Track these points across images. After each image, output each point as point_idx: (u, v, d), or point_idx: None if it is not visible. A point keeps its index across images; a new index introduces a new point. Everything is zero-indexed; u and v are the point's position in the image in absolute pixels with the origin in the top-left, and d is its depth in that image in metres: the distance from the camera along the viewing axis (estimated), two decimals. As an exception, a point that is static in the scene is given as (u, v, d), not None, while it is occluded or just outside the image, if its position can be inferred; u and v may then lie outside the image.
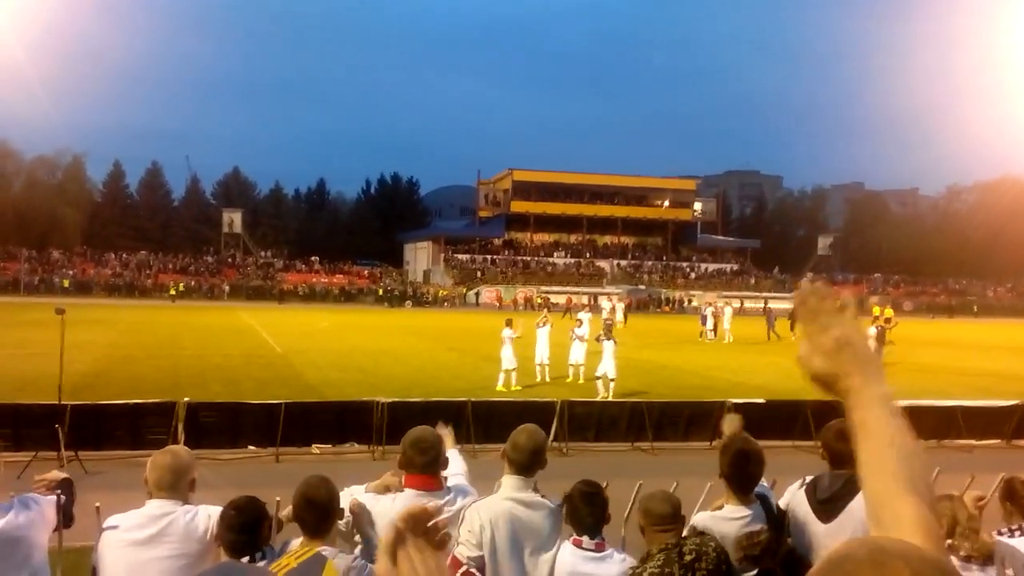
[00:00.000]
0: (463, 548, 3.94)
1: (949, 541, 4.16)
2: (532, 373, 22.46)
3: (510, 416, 14.32)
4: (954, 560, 4.06)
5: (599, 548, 3.89)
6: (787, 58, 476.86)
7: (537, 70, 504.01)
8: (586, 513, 3.91)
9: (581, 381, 21.89)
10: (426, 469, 4.10)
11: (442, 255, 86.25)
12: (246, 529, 3.72)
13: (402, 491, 4.08)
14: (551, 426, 14.13)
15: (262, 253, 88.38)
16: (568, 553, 3.90)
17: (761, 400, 15.87)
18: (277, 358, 26.64)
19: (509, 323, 21.83)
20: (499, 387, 20.93)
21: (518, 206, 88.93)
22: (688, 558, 3.63)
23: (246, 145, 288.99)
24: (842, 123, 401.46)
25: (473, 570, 3.93)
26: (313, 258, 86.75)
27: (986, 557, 4.17)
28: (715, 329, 39.84)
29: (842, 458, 4.11)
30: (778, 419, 14.74)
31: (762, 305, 62.53)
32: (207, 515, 3.88)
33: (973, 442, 15.46)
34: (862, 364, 1.51)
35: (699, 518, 4.24)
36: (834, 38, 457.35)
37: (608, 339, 20.04)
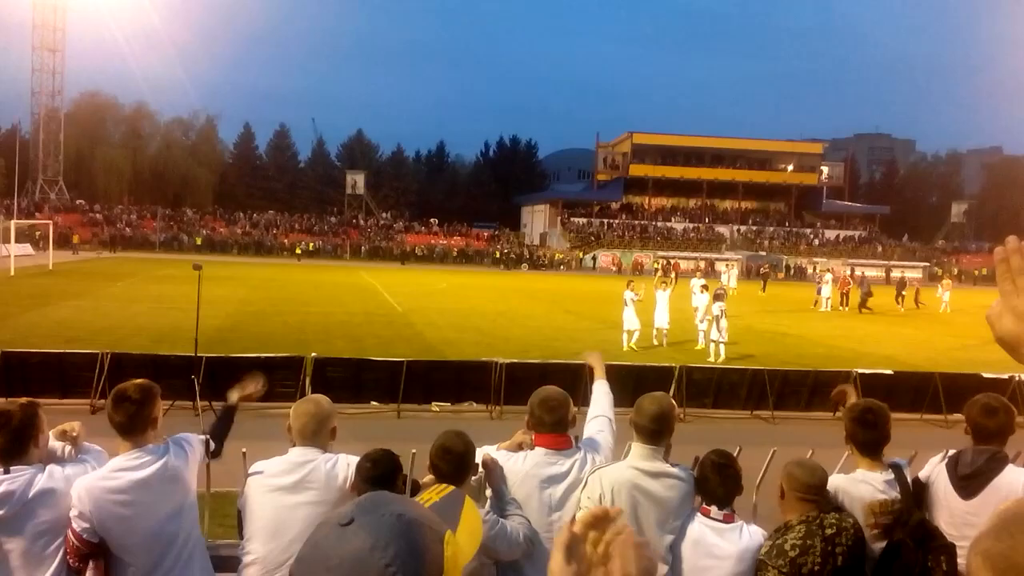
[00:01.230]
0: (581, 514, 3.93)
1: None
2: (650, 337, 22.46)
3: (628, 379, 14.32)
4: None
5: (728, 520, 3.79)
6: (923, 18, 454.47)
7: (663, 29, 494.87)
8: (717, 483, 3.82)
9: (699, 347, 21.76)
10: (555, 428, 4.14)
11: (559, 218, 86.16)
12: (380, 481, 3.84)
13: (532, 449, 4.15)
14: (670, 391, 14.08)
15: (383, 214, 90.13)
16: (695, 523, 3.82)
17: (889, 371, 15.37)
18: (398, 317, 27.22)
19: (630, 285, 22.10)
20: (625, 347, 21.20)
21: (636, 170, 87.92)
22: (829, 532, 3.58)
23: (370, 108, 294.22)
24: (980, 85, 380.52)
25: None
26: (432, 220, 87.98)
27: None
28: (844, 296, 38.65)
29: (987, 433, 3.99)
30: (907, 391, 14.31)
31: (886, 274, 60.30)
32: (346, 463, 4.03)
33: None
34: None
35: (833, 480, 4.14)
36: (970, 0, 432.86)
37: (718, 303, 20.35)
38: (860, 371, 14.61)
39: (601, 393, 4.84)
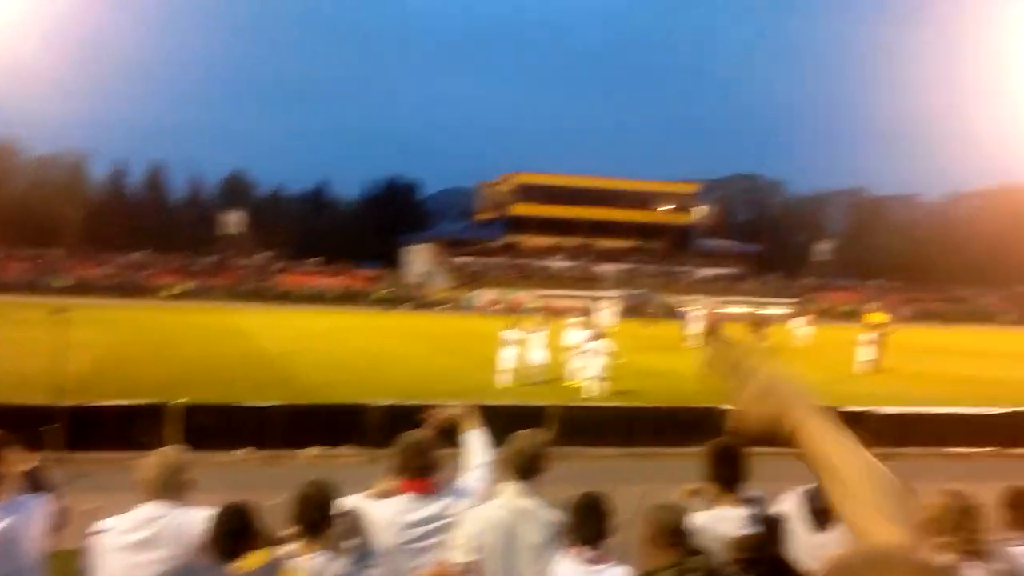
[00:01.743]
0: (456, 553, 3.95)
1: (948, 538, 4.16)
2: (528, 376, 22.81)
3: (503, 420, 14.37)
4: (952, 556, 4.08)
5: (598, 560, 3.79)
6: (794, 64, 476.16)
7: (545, 71, 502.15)
8: (587, 525, 3.82)
9: (575, 383, 22.10)
10: (421, 473, 4.13)
11: (441, 258, 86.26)
12: (234, 534, 3.76)
13: (399, 495, 4.11)
14: (545, 429, 14.18)
15: (261, 254, 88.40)
16: (565, 564, 3.81)
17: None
18: (273, 359, 26.67)
19: (512, 325, 22.97)
20: (503, 386, 21.70)
21: (519, 209, 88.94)
22: None
23: (248, 145, 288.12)
24: (845, 129, 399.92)
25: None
26: (312, 259, 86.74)
27: (985, 555, 4.14)
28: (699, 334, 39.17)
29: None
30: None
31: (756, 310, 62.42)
32: (201, 517, 3.92)
33: (969, 449, 15.48)
34: (795, 396, 1.48)
35: (696, 517, 4.21)
36: (840, 45, 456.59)
37: (596, 341, 20.84)
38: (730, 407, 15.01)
39: (477, 444, 4.79)
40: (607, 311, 43.26)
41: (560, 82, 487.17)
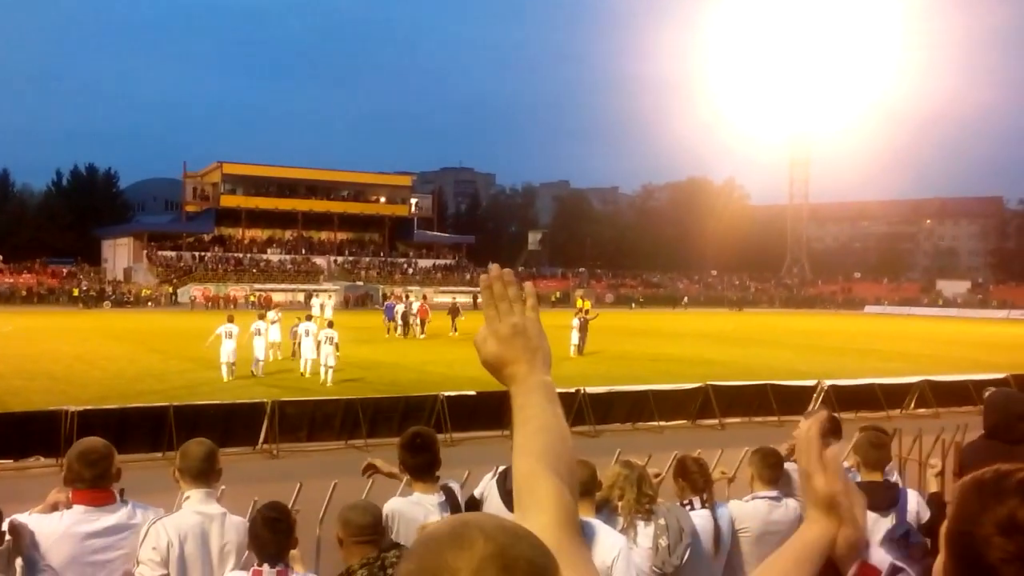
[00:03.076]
0: (144, 568, 3.72)
1: (619, 503, 4.48)
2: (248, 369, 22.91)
3: (218, 419, 13.77)
4: (626, 516, 4.40)
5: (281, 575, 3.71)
6: (502, 62, 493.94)
7: (250, 60, 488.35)
8: (269, 540, 3.70)
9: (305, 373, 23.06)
10: (96, 483, 3.82)
11: (145, 252, 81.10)
12: None
13: (70, 508, 3.78)
14: (263, 426, 13.74)
15: (-67, 251, 79.05)
16: None
17: (472, 392, 16.22)
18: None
19: (230, 318, 23.07)
20: (226, 379, 21.76)
21: (228, 200, 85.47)
22: (391, 571, 3.59)
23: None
24: (551, 125, 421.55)
25: None
26: (-5, 256, 78.66)
27: (653, 514, 4.49)
28: (405, 324, 39.01)
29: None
30: (489, 410, 15.14)
31: (473, 300, 64.17)
32: None
33: (663, 423, 16.71)
34: (532, 352, 1.56)
35: (390, 504, 4.31)
36: (547, 46, 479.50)
37: (319, 331, 22.53)
38: (447, 393, 15.28)
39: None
40: (324, 303, 42.54)
41: (266, 71, 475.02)
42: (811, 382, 18.70)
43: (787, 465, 5.21)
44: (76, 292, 70.82)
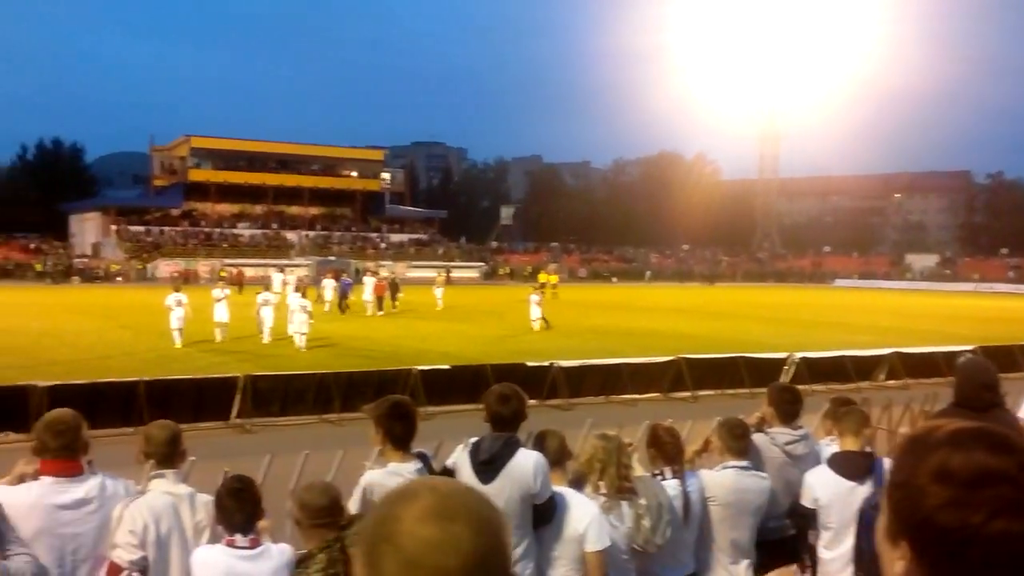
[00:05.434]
0: (122, 552, 3.72)
1: (601, 482, 4.50)
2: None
3: (190, 393, 13.72)
4: (599, 496, 4.42)
5: (254, 544, 3.73)
6: (475, 36, 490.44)
7: (219, 32, 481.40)
8: (235, 510, 3.74)
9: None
10: (62, 453, 3.81)
11: (113, 227, 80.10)
12: None
13: (37, 479, 3.77)
14: (235, 400, 13.68)
15: None
16: (222, 554, 3.70)
17: (447, 366, 16.26)
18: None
19: (176, 289, 24.73)
20: (219, 340, 24.37)
21: (197, 174, 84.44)
22: (352, 552, 3.62)
23: None
24: (523, 100, 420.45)
25: (135, 574, 3.73)
26: (-42, 230, 77.39)
27: (632, 490, 4.51)
28: (380, 300, 37.99)
29: (503, 420, 4.33)
30: (464, 384, 15.18)
31: (446, 274, 64.14)
32: None
33: (636, 396, 16.81)
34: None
35: (369, 475, 4.33)
36: (520, 20, 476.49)
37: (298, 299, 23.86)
38: (421, 368, 15.29)
39: None
40: (286, 279, 41.68)
41: (236, 43, 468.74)
42: (782, 355, 18.89)
43: (754, 437, 5.27)
44: (42, 267, 69.94)
